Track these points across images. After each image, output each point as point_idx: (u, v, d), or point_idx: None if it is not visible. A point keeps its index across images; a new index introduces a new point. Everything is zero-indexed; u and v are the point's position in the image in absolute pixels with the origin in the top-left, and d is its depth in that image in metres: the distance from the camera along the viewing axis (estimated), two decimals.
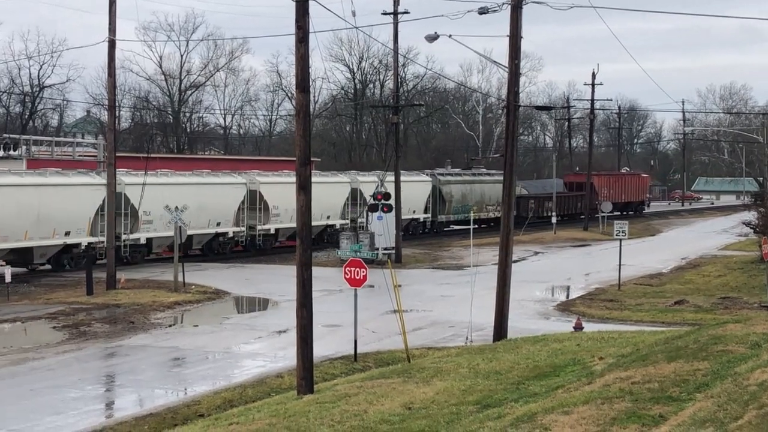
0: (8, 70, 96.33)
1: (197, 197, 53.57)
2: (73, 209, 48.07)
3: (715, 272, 52.90)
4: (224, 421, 19.84)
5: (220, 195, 56.67)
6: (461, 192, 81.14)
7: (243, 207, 59.37)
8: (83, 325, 35.78)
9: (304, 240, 22.62)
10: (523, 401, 16.91)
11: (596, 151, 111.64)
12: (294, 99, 26.32)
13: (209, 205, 55.73)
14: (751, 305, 38.24)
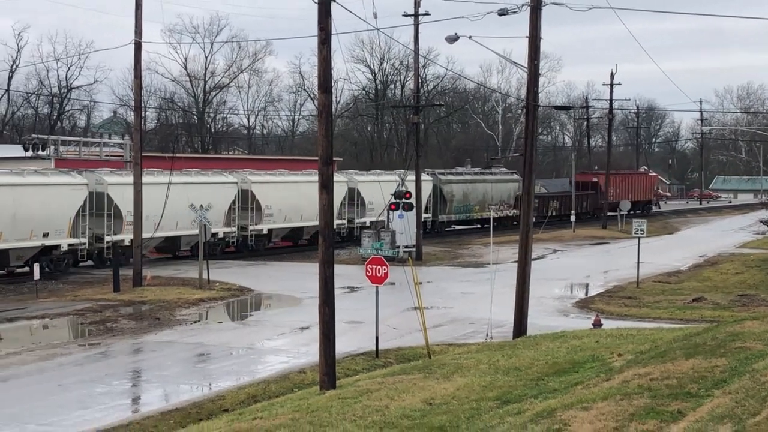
0: (37, 72, 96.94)
1: (185, 197, 50.36)
2: (52, 210, 45.38)
3: (732, 270, 52.67)
4: (248, 415, 19.88)
5: (210, 195, 52.62)
6: (463, 191, 78.34)
7: (234, 207, 57.32)
8: (110, 321, 35.91)
9: (327, 238, 22.63)
10: (543, 397, 16.89)
11: (615, 150, 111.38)
12: (316, 99, 26.29)
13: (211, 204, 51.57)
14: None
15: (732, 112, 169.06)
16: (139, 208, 44.48)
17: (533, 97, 30.20)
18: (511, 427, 13.89)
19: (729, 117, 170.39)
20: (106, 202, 47.99)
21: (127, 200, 47.02)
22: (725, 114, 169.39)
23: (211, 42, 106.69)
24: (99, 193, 47.45)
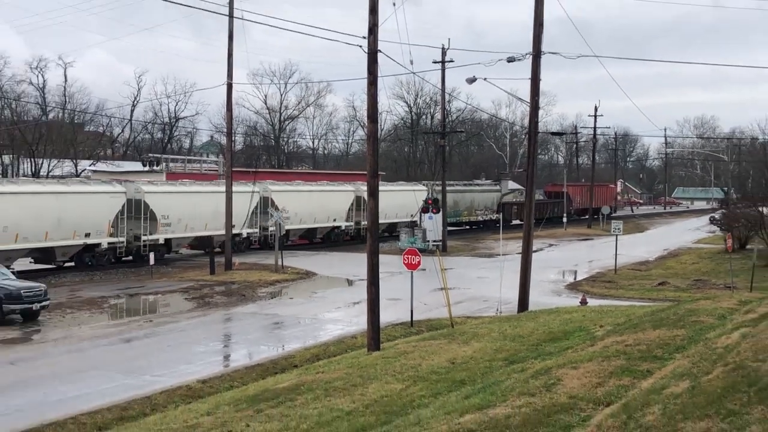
0: (152, 106, 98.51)
1: (213, 204, 48.31)
2: (93, 214, 42.44)
3: (689, 260, 52.34)
4: (312, 370, 20.04)
5: (236, 201, 48.99)
6: (453, 199, 71.76)
7: (257, 211, 53.56)
8: (207, 297, 36.30)
9: (373, 234, 22.77)
10: (541, 358, 16.90)
11: (598, 167, 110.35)
12: (365, 127, 26.41)
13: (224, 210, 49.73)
14: (718, 286, 37.76)
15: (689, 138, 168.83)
16: (229, 210, 44.84)
17: (534, 126, 30.23)
18: (516, 382, 13.93)
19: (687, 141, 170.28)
20: (143, 207, 45.35)
21: (160, 206, 46.13)
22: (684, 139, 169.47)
23: (285, 83, 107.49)
24: (137, 200, 45.06)
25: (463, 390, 14.93)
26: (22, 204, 38.71)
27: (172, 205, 47.16)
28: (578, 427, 10.20)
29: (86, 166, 74.98)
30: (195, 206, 48.20)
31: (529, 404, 11.57)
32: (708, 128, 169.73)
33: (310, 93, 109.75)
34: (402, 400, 14.95)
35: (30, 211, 38.78)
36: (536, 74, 28.94)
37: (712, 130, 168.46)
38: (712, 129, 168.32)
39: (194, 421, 15.04)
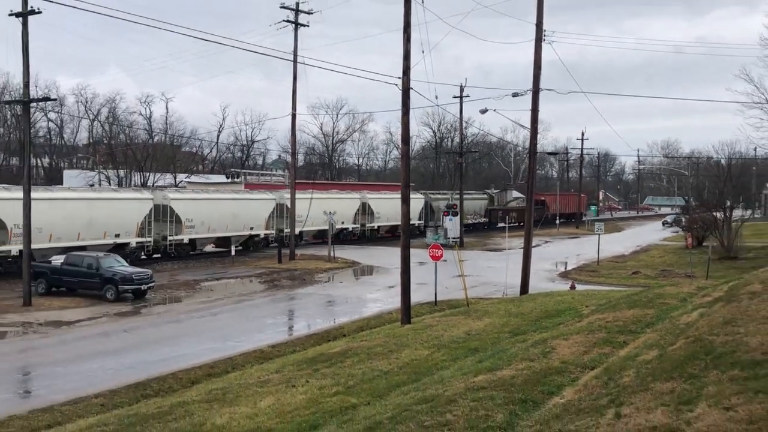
0: (234, 132, 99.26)
1: (232, 209, 46.07)
2: (122, 217, 38.98)
3: (657, 254, 51.59)
4: (357, 339, 20.05)
5: (255, 207, 47.64)
6: (445, 205, 65.50)
7: (274, 215, 49.45)
8: (275, 280, 36.47)
9: (405, 232, 22.73)
10: (539, 331, 16.75)
11: (584, 180, 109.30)
12: (400, 148, 26.38)
13: (243, 214, 46.99)
14: (680, 275, 37.14)
15: (657, 157, 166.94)
16: (293, 213, 45.08)
17: (534, 147, 29.99)
18: (519, 350, 13.82)
19: (655, 159, 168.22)
20: (169, 212, 41.83)
21: (185, 210, 42.76)
22: (653, 158, 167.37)
23: (336, 113, 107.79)
24: (164, 205, 41.68)
25: (476, 356, 14.85)
26: (55, 208, 35.75)
27: (196, 209, 43.83)
28: (569, 386, 10.09)
29: (183, 178, 75.72)
30: (216, 211, 45.05)
31: (530, 367, 11.47)
32: (672, 149, 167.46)
33: (355, 121, 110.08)
34: (428, 363, 14.90)
35: (62, 214, 35.77)
36: (535, 105, 28.73)
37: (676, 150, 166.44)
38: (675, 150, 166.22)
39: (266, 378, 15.12)
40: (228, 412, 12.03)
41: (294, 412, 11.86)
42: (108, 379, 17.38)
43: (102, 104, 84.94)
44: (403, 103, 22.19)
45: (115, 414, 13.10)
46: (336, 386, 13.46)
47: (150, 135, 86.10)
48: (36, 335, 22.73)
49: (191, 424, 11.38)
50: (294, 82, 43.14)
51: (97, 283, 29.54)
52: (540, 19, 28.10)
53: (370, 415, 10.46)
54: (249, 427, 11.12)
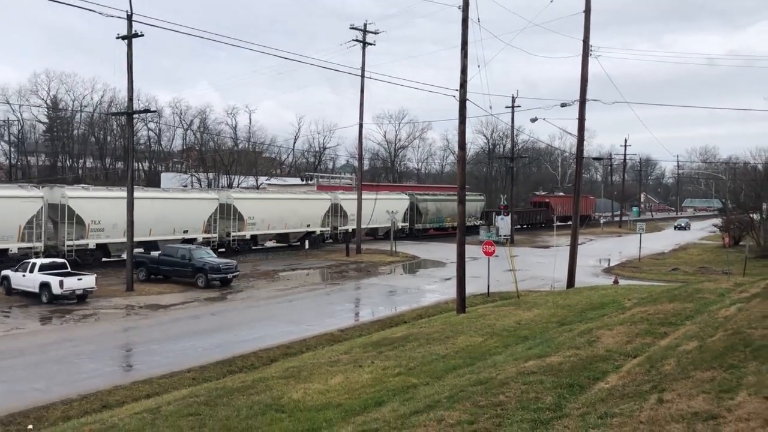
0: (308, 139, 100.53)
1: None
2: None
3: (696, 252, 49.90)
4: (417, 325, 20.01)
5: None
6: (436, 207, 61.08)
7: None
8: (343, 272, 36.68)
9: (461, 230, 22.58)
10: (584, 322, 16.40)
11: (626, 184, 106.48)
12: (456, 154, 26.09)
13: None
14: (718, 272, 35.84)
15: (695, 162, 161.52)
16: (359, 212, 45.19)
17: (580, 153, 29.39)
18: (566, 338, 13.56)
19: (694, 164, 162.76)
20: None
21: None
22: (692, 162, 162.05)
23: (398, 122, 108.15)
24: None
25: (526, 343, 14.63)
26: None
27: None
28: (613, 372, 9.84)
29: (263, 181, 76.99)
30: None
31: (576, 355, 11.23)
32: (710, 155, 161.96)
33: (415, 129, 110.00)
34: (482, 349, 14.75)
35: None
36: (582, 115, 28.14)
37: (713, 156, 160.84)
38: (713, 155, 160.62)
39: (336, 358, 15.22)
40: (303, 387, 12.15)
41: (361, 389, 11.90)
42: (198, 357, 17.78)
43: (194, 115, 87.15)
44: (459, 113, 22.05)
45: (204, 387, 13.40)
46: (398, 367, 13.45)
47: (235, 142, 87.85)
48: (137, 317, 23.44)
49: (271, 398, 11.54)
50: (361, 95, 43.35)
51: (189, 272, 30.27)
52: (587, 36, 27.53)
53: (430, 394, 10.41)
54: (321, 402, 11.22)
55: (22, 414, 12.81)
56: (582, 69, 27.68)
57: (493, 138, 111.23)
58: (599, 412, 7.50)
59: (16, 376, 15.55)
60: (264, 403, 11.16)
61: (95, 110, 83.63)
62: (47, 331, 21.06)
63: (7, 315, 23.10)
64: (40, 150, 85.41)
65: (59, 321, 22.48)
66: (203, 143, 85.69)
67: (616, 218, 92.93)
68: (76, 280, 25.31)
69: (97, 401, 13.74)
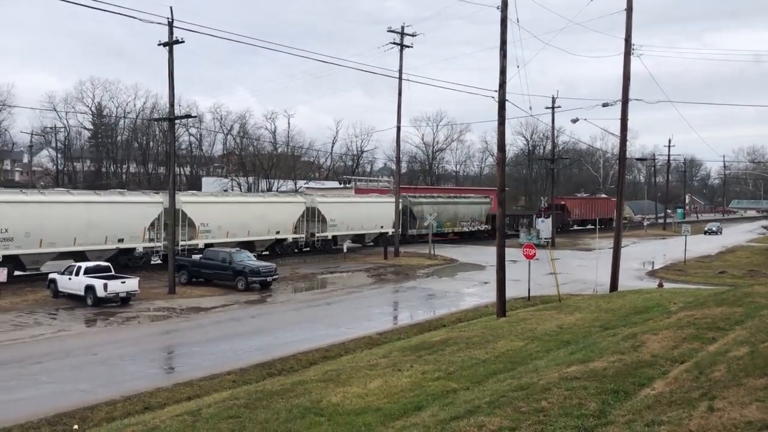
0: (345, 143, 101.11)
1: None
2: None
3: (744, 255, 48.51)
4: (456, 329, 19.80)
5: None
6: (435, 211, 53.25)
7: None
8: (382, 275, 36.63)
9: (501, 232, 22.31)
10: (628, 326, 16.00)
11: (670, 184, 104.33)
12: (495, 156, 25.80)
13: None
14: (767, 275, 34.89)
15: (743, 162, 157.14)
16: (397, 213, 45.07)
17: (623, 154, 28.81)
18: (609, 343, 13.25)
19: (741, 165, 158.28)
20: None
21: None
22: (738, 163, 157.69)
23: (436, 125, 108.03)
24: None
25: (568, 348, 14.34)
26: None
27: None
28: (659, 378, 9.55)
29: (301, 184, 77.62)
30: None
31: (620, 360, 10.95)
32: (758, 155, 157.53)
33: (454, 132, 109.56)
34: (523, 354, 14.52)
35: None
36: (624, 115, 27.57)
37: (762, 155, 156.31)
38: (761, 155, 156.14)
39: (374, 361, 15.16)
40: (342, 391, 12.12)
41: (400, 393, 11.81)
42: (238, 359, 17.92)
43: (234, 120, 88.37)
44: (498, 114, 21.83)
45: (244, 389, 13.48)
46: (437, 372, 13.32)
47: (274, 147, 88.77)
48: (178, 319, 23.77)
49: (310, 401, 11.54)
50: (399, 98, 43.33)
51: (230, 275, 30.60)
52: (629, 34, 27.00)
53: (470, 399, 10.26)
54: (360, 405, 11.16)
55: (67, 414, 13.07)
56: (624, 68, 27.16)
57: (533, 139, 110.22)
58: (646, 419, 7.28)
59: (62, 377, 15.90)
60: (303, 407, 11.15)
61: (138, 116, 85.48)
62: (92, 333, 21.50)
63: (54, 317, 23.68)
64: (86, 156, 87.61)
65: (103, 323, 22.93)
66: (243, 148, 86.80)
67: (660, 220, 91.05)
68: (120, 283, 25.80)
69: (139, 403, 13.95)
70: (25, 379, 15.75)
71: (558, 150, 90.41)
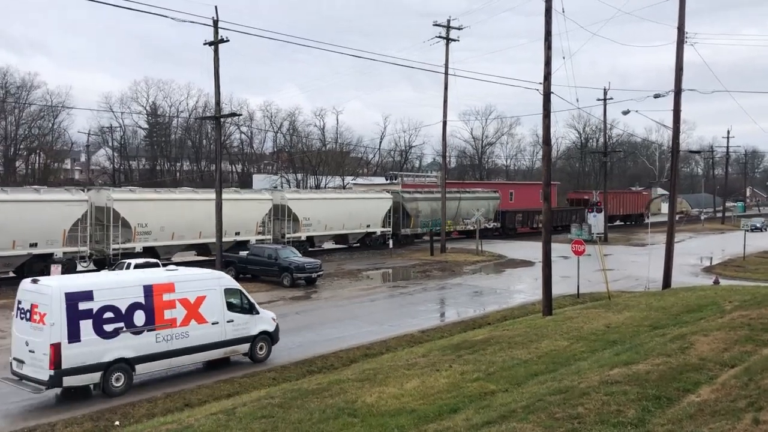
0: (393, 138, 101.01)
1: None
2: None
3: None
4: (500, 327, 19.46)
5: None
6: (431, 207, 48.04)
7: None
8: (427, 271, 36.30)
9: (547, 228, 21.78)
10: (678, 326, 15.43)
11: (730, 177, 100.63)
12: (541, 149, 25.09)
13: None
14: None
15: None
16: (444, 210, 44.61)
17: (676, 146, 27.79)
18: (656, 344, 12.74)
19: None
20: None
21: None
22: None
23: (485, 119, 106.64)
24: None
25: (614, 348, 13.88)
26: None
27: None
28: (706, 384, 9.08)
29: (349, 180, 77.80)
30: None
31: (666, 363, 10.49)
32: None
33: (504, 125, 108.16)
34: (566, 354, 14.13)
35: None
36: (677, 106, 26.55)
37: None
38: None
39: (413, 361, 14.97)
40: (377, 391, 11.98)
41: (436, 395, 11.60)
42: (280, 356, 17.95)
43: (284, 118, 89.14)
44: (544, 107, 21.32)
45: (280, 388, 13.48)
46: (477, 372, 13.05)
47: (323, 143, 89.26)
48: None
49: (344, 401, 11.43)
50: (445, 92, 42.87)
51: (276, 271, 30.82)
52: (681, 22, 25.99)
53: (506, 403, 9.98)
54: (395, 407, 11.00)
55: (110, 410, 13.30)
56: (677, 57, 26.16)
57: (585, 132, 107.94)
58: (686, 430, 6.88)
59: None
60: (337, 407, 11.05)
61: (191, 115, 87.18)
62: None
63: None
64: (141, 154, 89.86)
65: None
66: (293, 145, 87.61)
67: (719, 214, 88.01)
68: None
69: (180, 399, 14.10)
70: None
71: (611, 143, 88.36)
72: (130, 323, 14.41)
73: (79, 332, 13.59)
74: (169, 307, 15.05)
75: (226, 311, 16.33)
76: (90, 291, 14.03)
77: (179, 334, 15.17)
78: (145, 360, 14.65)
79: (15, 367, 14.00)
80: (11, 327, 14.77)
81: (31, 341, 13.66)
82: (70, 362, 13.45)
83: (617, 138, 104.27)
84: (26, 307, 13.92)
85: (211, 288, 16.11)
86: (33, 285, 14.05)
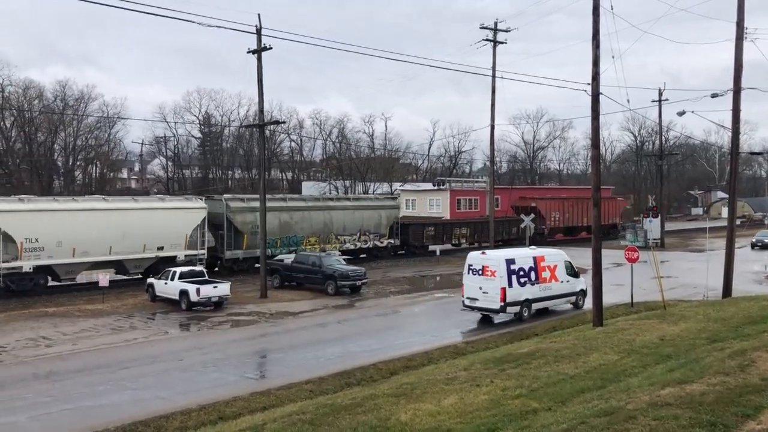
0: (443, 144, 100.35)
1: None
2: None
3: None
4: (547, 339, 18.62)
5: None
6: (279, 220, 38.02)
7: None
8: None
9: (596, 235, 20.84)
10: (739, 340, 14.37)
11: None
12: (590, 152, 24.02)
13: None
14: None
15: None
16: (491, 215, 43.71)
17: (735, 147, 26.41)
18: (714, 360, 11.81)
19: None
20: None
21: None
22: None
23: (536, 122, 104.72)
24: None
25: (667, 363, 12.97)
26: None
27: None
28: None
29: (396, 186, 77.39)
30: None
31: (723, 383, 9.62)
32: None
33: (556, 129, 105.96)
34: (616, 369, 13.29)
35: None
36: (737, 106, 25.18)
37: None
38: None
39: (454, 374, 14.34)
40: (413, 408, 11.42)
41: (475, 412, 10.97)
42: (319, 367, 17.58)
43: (333, 125, 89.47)
44: (592, 108, 20.42)
45: (314, 402, 13.04)
46: (519, 388, 12.35)
47: (372, 150, 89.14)
48: (266, 324, 23.84)
49: (377, 418, 10.92)
50: (492, 95, 42.05)
51: (320, 279, 30.59)
52: (741, 18, 24.67)
53: (547, 424, 9.30)
54: (430, 425, 10.42)
55: (143, 423, 13.12)
56: (736, 54, 24.84)
57: (641, 135, 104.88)
58: None
59: (145, 384, 16.10)
60: (369, 425, 10.55)
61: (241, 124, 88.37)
62: (181, 338, 21.91)
63: (150, 321, 24.38)
64: (194, 163, 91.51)
65: (196, 327, 23.37)
66: (342, 152, 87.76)
67: None
68: (212, 287, 26.27)
69: (214, 412, 13.82)
70: (111, 384, 16.07)
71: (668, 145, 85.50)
72: (530, 279, 24.05)
73: (512, 282, 23.37)
74: (544, 270, 24.68)
75: (565, 275, 25.72)
76: (513, 258, 23.79)
77: (548, 287, 24.85)
78: (535, 301, 24.37)
79: (468, 303, 23.80)
80: (462, 279, 24.32)
81: (484, 286, 23.31)
82: (509, 299, 23.24)
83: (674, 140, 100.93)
84: (477, 268, 23.59)
85: (560, 260, 25.73)
86: (482, 255, 23.93)
